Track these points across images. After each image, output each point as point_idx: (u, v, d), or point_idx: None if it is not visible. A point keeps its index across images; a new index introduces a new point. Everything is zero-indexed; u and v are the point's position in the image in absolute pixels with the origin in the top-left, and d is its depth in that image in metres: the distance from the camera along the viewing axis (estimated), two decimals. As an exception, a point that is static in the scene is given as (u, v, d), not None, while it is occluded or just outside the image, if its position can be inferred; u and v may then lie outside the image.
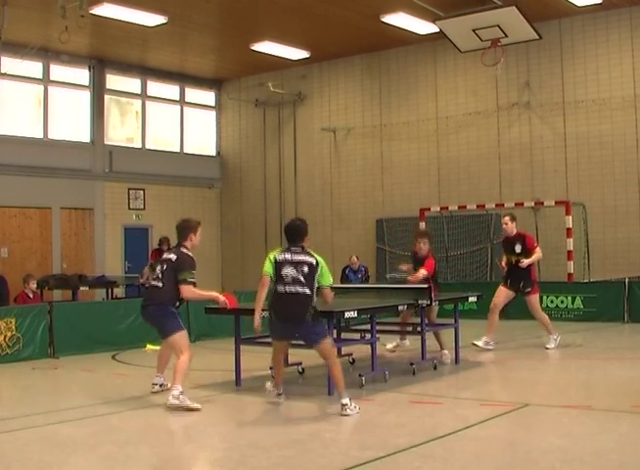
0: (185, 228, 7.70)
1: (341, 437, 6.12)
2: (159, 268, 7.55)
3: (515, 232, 10.71)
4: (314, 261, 6.94)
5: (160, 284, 7.46)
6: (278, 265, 6.98)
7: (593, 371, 9.40)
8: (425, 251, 9.89)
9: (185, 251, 7.55)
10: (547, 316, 10.95)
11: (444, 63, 17.93)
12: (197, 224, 7.77)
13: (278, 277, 6.95)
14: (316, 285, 6.95)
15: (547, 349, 10.58)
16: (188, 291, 7.39)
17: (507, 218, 10.77)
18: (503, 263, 10.92)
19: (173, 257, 7.52)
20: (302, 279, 6.88)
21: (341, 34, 17.32)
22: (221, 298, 7.70)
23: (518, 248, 10.55)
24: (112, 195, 19.20)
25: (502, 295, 10.85)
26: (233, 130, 21.66)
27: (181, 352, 7.35)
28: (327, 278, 7.01)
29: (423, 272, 9.52)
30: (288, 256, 7.01)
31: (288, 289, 6.91)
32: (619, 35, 15.81)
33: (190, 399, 7.10)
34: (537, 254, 10.69)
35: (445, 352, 9.73)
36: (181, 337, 7.45)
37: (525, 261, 10.48)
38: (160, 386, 7.95)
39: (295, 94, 20.11)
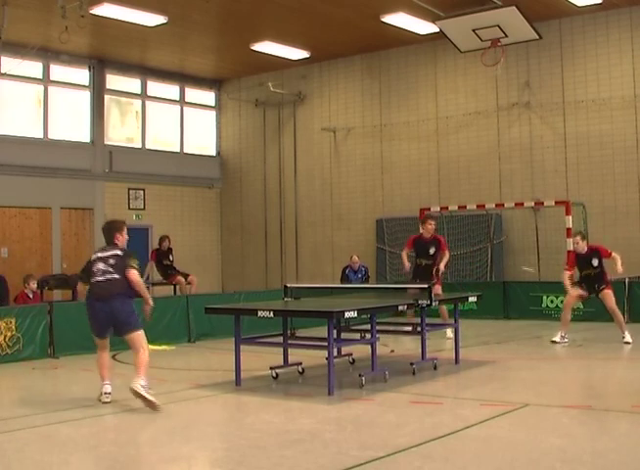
0: (110, 229, 7.88)
1: (341, 437, 6.11)
2: (103, 265, 7.58)
3: (586, 249, 11.27)
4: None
5: (117, 276, 7.53)
6: None
7: (593, 371, 9.41)
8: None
9: (121, 246, 7.81)
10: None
11: (444, 63, 17.92)
12: (122, 224, 8.03)
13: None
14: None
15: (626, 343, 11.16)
16: (136, 275, 7.55)
17: (577, 238, 11.34)
18: (568, 286, 11.45)
19: (118, 251, 7.71)
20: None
21: (341, 34, 17.32)
22: (150, 303, 7.73)
23: (595, 262, 11.20)
24: (112, 195, 19.19)
25: (574, 294, 11.44)
26: (233, 130, 21.65)
27: (142, 347, 7.51)
28: None
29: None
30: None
31: None
32: (619, 35, 15.81)
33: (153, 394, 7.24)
34: (615, 258, 11.25)
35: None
36: (143, 334, 7.62)
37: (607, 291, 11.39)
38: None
39: (295, 94, 20.10)
